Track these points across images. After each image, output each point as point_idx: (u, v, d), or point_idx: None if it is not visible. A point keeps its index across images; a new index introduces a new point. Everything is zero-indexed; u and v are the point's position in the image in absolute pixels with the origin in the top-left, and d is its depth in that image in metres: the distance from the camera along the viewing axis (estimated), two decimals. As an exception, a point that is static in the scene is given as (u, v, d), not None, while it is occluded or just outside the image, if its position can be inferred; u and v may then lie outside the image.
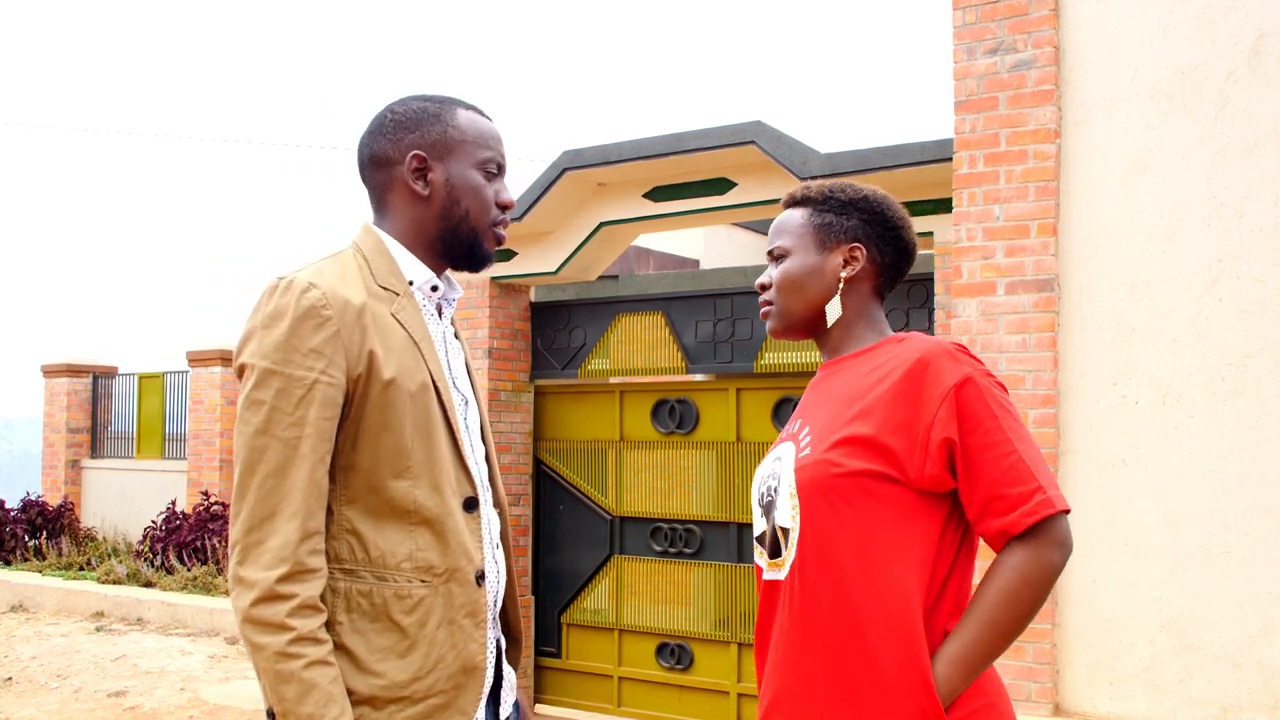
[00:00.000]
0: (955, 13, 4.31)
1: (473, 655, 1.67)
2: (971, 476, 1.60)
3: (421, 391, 1.67)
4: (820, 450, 1.67)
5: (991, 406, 1.61)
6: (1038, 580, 1.57)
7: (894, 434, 1.62)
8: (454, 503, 1.68)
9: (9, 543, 10.63)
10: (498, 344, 6.71)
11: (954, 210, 4.31)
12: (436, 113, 1.76)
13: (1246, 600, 3.78)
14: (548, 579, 6.88)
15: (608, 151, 6.02)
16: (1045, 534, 1.58)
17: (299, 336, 1.58)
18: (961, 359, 1.65)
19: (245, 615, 1.53)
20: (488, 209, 1.77)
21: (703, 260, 11.98)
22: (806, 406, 1.83)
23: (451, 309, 1.85)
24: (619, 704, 6.54)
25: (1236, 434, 3.81)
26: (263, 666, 1.53)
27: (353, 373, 1.61)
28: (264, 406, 1.57)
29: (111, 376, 12.12)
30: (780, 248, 1.84)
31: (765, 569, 1.77)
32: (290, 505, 1.55)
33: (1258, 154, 3.83)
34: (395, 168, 1.75)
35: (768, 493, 1.77)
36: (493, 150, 1.78)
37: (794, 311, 1.83)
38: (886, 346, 1.76)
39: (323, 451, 1.59)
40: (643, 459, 6.50)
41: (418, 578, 1.64)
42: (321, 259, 1.71)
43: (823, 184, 1.87)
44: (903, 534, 1.62)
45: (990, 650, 1.58)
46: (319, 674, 1.53)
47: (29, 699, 6.23)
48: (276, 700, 1.53)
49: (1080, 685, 4.05)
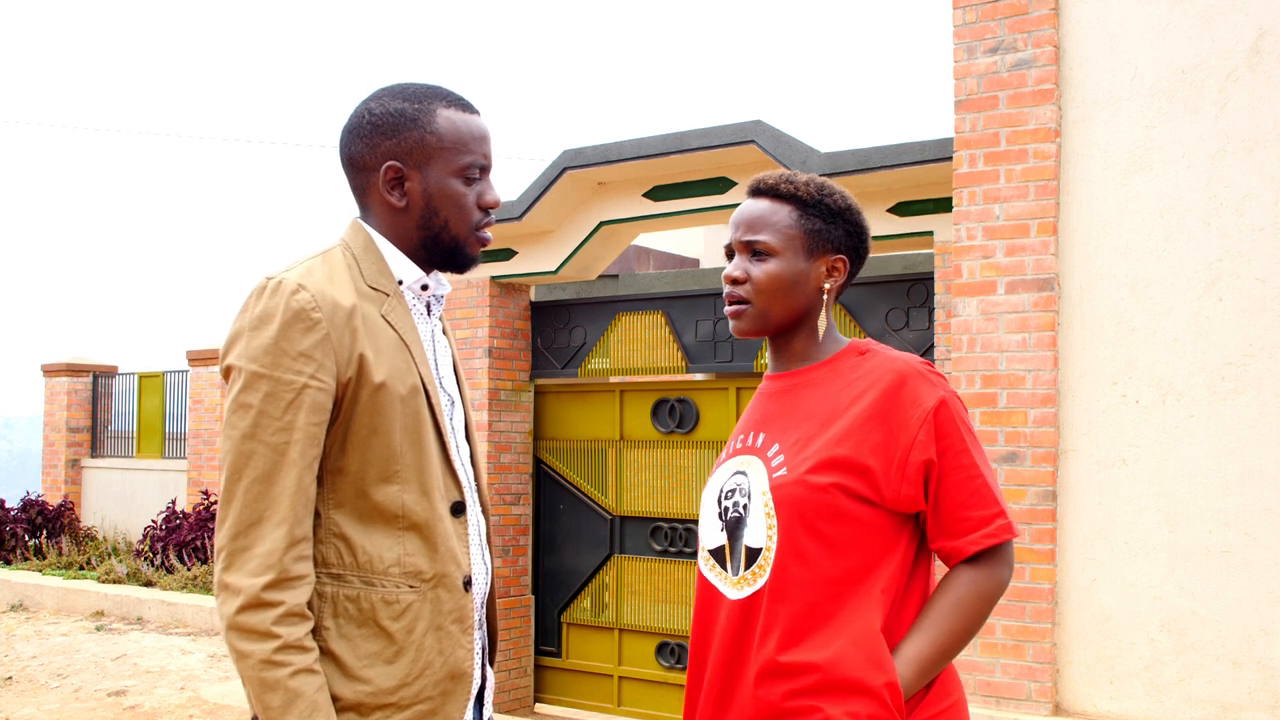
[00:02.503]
0: (955, 12, 4.31)
1: (460, 661, 1.66)
2: (938, 496, 1.65)
3: (412, 395, 1.65)
4: (799, 471, 1.66)
5: (961, 430, 1.66)
6: (990, 595, 1.66)
7: (871, 454, 1.63)
8: (442, 507, 1.66)
9: (9, 542, 10.63)
10: (498, 343, 6.71)
11: (954, 209, 4.31)
12: (414, 116, 1.68)
13: (1246, 599, 3.78)
14: (548, 578, 6.87)
15: (608, 151, 6.02)
16: (1000, 555, 1.67)
17: (288, 339, 1.55)
18: (935, 380, 1.68)
19: (230, 622, 1.51)
20: (468, 216, 1.71)
21: (703, 260, 11.98)
22: (768, 419, 1.77)
23: (440, 306, 1.82)
24: (619, 703, 6.54)
25: (1236, 433, 3.81)
26: (248, 674, 1.51)
27: (342, 376, 1.59)
28: (251, 410, 1.55)
29: (111, 376, 12.12)
30: (764, 244, 1.73)
31: (722, 587, 1.73)
32: (277, 512, 1.53)
33: (1258, 153, 3.83)
34: (371, 174, 1.70)
35: (733, 508, 1.73)
36: (473, 154, 1.70)
37: (772, 316, 1.75)
38: (848, 360, 1.74)
39: (311, 457, 1.57)
40: (643, 458, 6.50)
41: (406, 583, 1.62)
42: (310, 257, 1.67)
43: (808, 181, 1.78)
44: (877, 555, 1.64)
45: (944, 655, 1.64)
46: (304, 682, 1.51)
47: (29, 698, 6.23)
48: (261, 709, 1.51)
49: (1080, 684, 4.05)
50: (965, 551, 1.65)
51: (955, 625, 1.63)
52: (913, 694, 1.61)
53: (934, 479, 1.64)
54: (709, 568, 1.77)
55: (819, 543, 1.63)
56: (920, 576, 1.69)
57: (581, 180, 6.27)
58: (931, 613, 1.64)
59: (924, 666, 1.62)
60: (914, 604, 1.67)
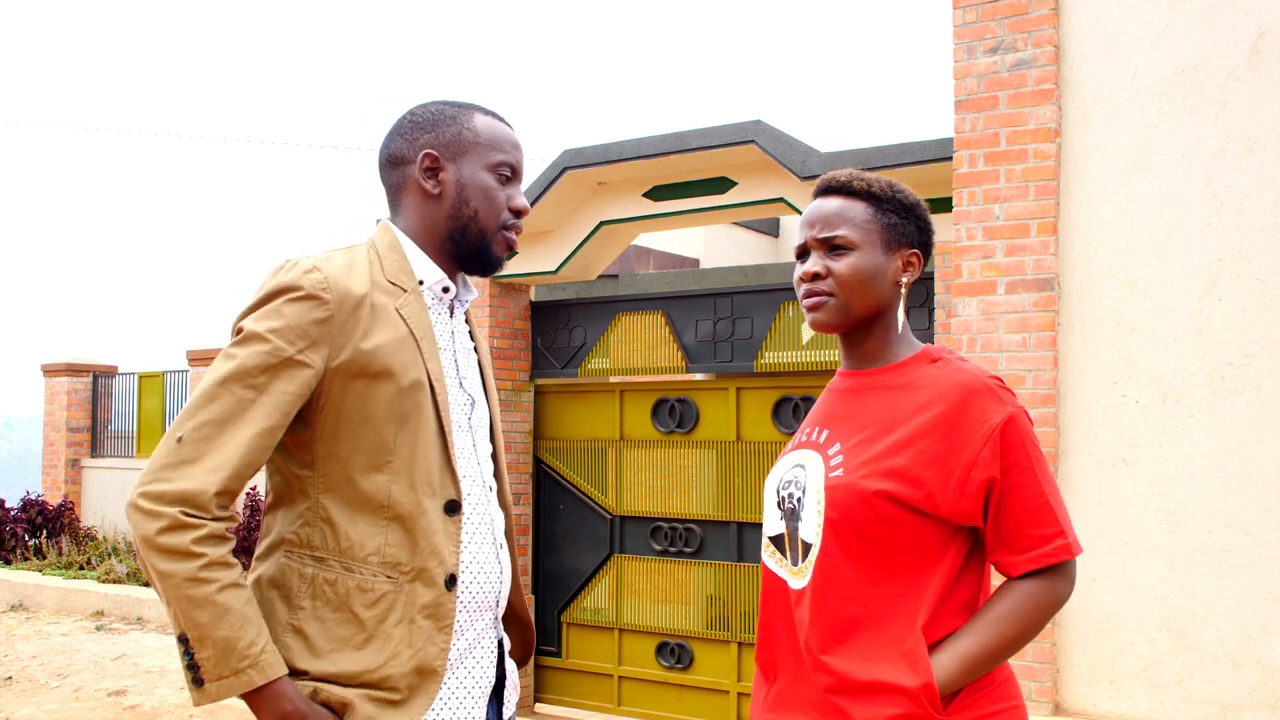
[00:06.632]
0: (955, 12, 4.31)
1: (430, 659, 1.65)
2: (1000, 512, 1.65)
3: (414, 389, 1.66)
4: (854, 475, 1.66)
5: (1027, 447, 1.65)
6: (1048, 608, 1.66)
7: (930, 467, 1.63)
8: (430, 503, 1.67)
9: (9, 542, 10.63)
10: (498, 343, 6.71)
11: (954, 209, 4.31)
12: (454, 115, 1.78)
13: (1246, 599, 3.78)
14: (548, 578, 6.88)
15: (608, 151, 6.02)
16: (1062, 571, 1.67)
17: (292, 312, 1.60)
18: (1004, 396, 1.67)
19: (151, 543, 1.52)
20: (498, 211, 1.78)
21: (703, 260, 11.97)
22: (834, 417, 1.78)
23: (464, 309, 1.86)
24: (619, 703, 6.54)
25: (1236, 433, 3.81)
26: (172, 594, 1.52)
27: (334, 361, 1.62)
28: (234, 361, 1.59)
29: (111, 376, 12.12)
30: (844, 239, 1.73)
31: (782, 573, 1.76)
32: (217, 458, 1.55)
33: (1258, 153, 3.83)
34: (409, 166, 1.77)
35: (789, 499, 1.76)
36: (507, 155, 1.79)
37: (854, 309, 1.74)
38: (920, 367, 1.74)
39: (272, 423, 1.59)
40: (643, 458, 6.50)
41: (383, 573, 1.64)
42: (334, 248, 1.73)
43: (879, 178, 1.80)
44: (924, 563, 1.65)
45: (992, 658, 1.63)
46: (232, 597, 1.53)
47: (29, 698, 6.23)
48: (190, 625, 1.52)
49: (1080, 684, 4.05)
50: (1021, 568, 1.65)
51: (1007, 630, 1.63)
52: (955, 689, 1.61)
53: (996, 496, 1.64)
54: (769, 554, 1.79)
55: (865, 546, 1.64)
56: (967, 585, 1.69)
57: (581, 180, 6.27)
58: (986, 615, 1.64)
59: (969, 663, 1.61)
60: (960, 610, 1.67)
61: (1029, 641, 1.67)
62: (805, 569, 1.70)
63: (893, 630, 1.62)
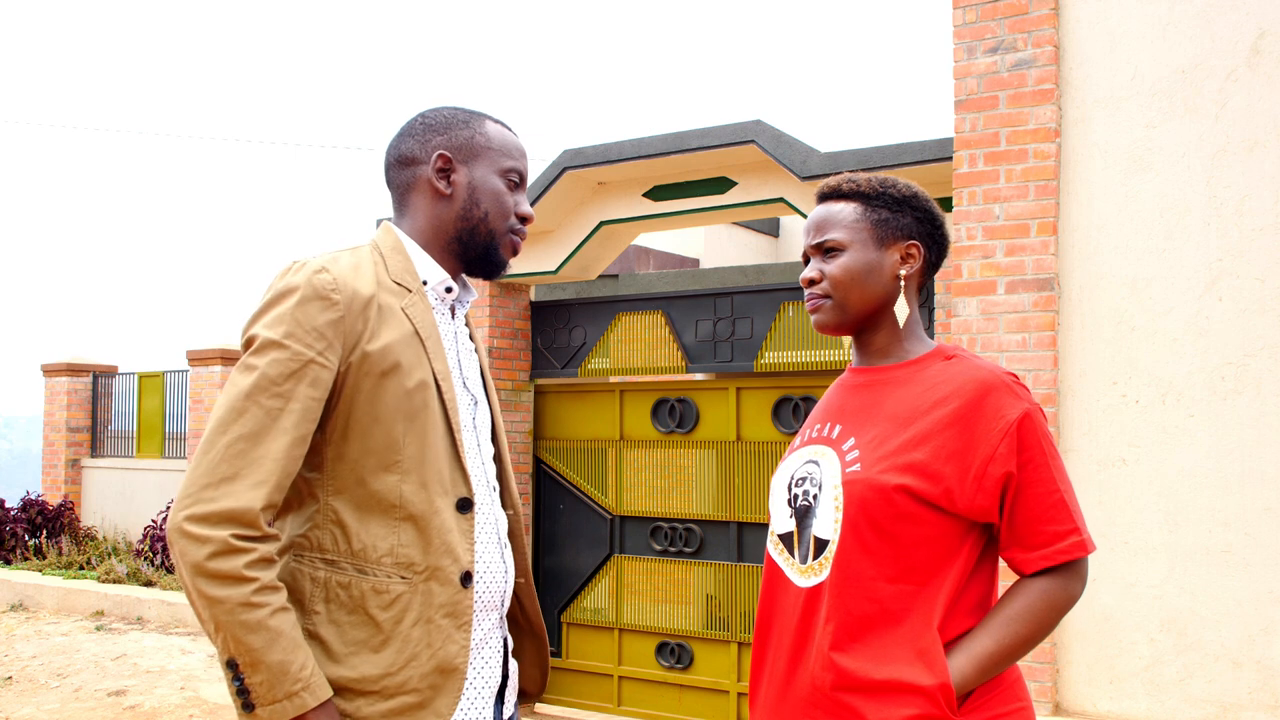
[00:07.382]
0: (955, 12, 4.31)
1: (451, 657, 1.65)
2: (1014, 509, 1.66)
3: (420, 388, 1.67)
4: (872, 470, 1.67)
5: (1043, 444, 1.67)
6: (1061, 606, 1.67)
7: (948, 462, 1.64)
8: (442, 501, 1.67)
9: (9, 542, 10.63)
10: (498, 343, 6.71)
11: (954, 209, 4.31)
12: (466, 120, 1.82)
13: (1246, 599, 3.78)
14: (548, 578, 6.87)
15: (608, 150, 6.02)
16: (1074, 569, 1.68)
17: (305, 314, 1.60)
18: (1020, 392, 1.68)
19: (201, 569, 1.50)
20: (506, 215, 1.81)
21: (703, 259, 11.98)
22: (847, 413, 1.79)
23: (465, 310, 1.87)
24: (619, 703, 6.54)
25: (1236, 433, 3.81)
26: (223, 619, 1.51)
27: (347, 360, 1.62)
28: (255, 372, 1.58)
29: (111, 376, 12.12)
30: (834, 241, 1.78)
31: (789, 570, 1.76)
32: (258, 473, 1.54)
33: (1258, 153, 3.83)
34: (420, 167, 1.79)
35: (803, 496, 1.76)
36: (516, 161, 1.83)
37: (851, 307, 1.77)
38: (934, 364, 1.75)
39: (304, 430, 1.59)
40: (643, 458, 6.50)
41: (398, 573, 1.63)
42: (339, 249, 1.74)
43: (869, 178, 1.82)
44: (940, 559, 1.65)
45: (1006, 657, 1.64)
46: (283, 620, 1.53)
47: (29, 698, 6.23)
48: (242, 651, 1.51)
49: (1080, 684, 4.05)
50: (1034, 565, 1.66)
51: (1022, 630, 1.64)
52: (969, 689, 1.62)
53: (1011, 491, 1.65)
54: (777, 552, 1.80)
55: (883, 542, 1.65)
56: (980, 585, 1.70)
57: (581, 180, 6.27)
58: (1000, 614, 1.65)
59: (984, 664, 1.62)
60: (973, 609, 1.68)
61: (1042, 639, 1.67)
62: (816, 567, 1.70)
63: (908, 629, 1.63)
